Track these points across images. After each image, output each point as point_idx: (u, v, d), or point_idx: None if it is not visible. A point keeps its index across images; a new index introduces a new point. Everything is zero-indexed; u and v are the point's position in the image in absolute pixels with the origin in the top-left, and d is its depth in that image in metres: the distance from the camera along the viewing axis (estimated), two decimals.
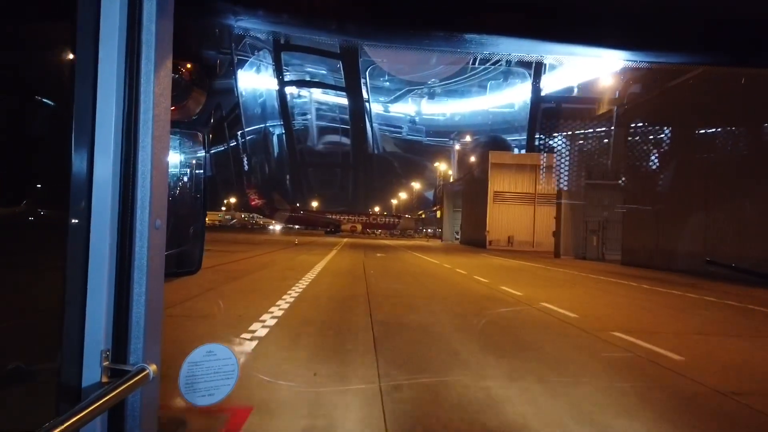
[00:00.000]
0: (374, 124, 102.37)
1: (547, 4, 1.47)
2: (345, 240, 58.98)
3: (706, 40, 1.57)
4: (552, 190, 50.29)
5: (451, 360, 6.42)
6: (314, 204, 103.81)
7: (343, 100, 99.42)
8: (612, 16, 1.49)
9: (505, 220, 55.91)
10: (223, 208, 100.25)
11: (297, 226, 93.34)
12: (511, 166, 57.50)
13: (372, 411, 4.48)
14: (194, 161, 1.54)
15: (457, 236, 76.71)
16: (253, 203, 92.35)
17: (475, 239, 58.55)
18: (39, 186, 1.41)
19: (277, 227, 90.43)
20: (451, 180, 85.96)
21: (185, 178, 1.54)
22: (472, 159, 68.06)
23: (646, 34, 1.54)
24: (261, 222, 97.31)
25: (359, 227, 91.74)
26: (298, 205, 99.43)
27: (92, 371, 1.05)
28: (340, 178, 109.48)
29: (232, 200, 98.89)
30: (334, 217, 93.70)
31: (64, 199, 1.08)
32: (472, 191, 65.23)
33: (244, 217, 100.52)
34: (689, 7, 1.46)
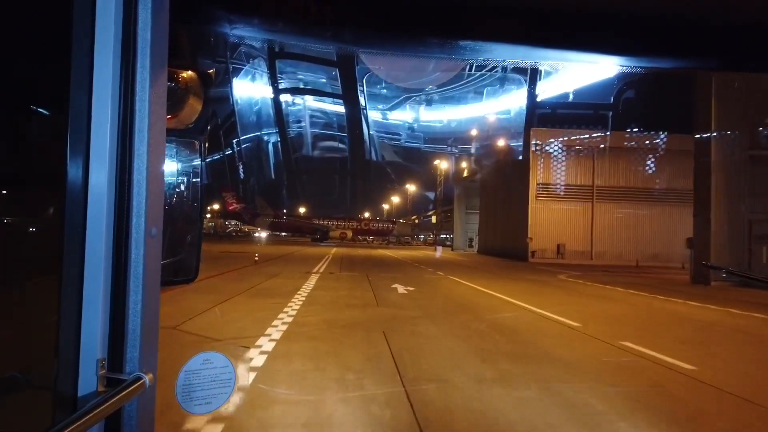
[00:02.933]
0: (372, 132, 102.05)
1: (541, 10, 1.48)
2: (334, 250, 46.24)
3: (702, 45, 1.59)
4: (649, 181, 41.18)
5: None
6: (302, 210, 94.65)
7: (340, 108, 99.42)
8: (607, 21, 1.50)
9: (552, 222, 42.54)
10: (208, 215, 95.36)
11: (285, 233, 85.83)
12: (561, 148, 43.28)
13: None
14: (190, 169, 1.54)
15: (471, 244, 64.64)
16: (230, 208, 79.96)
17: (506, 248, 45.23)
18: (4, 192, 1.39)
19: (263, 234, 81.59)
20: (465, 174, 69.38)
21: (182, 186, 1.54)
22: (500, 143, 51.98)
23: (642, 40, 1.56)
24: (246, 229, 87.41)
25: (350, 234, 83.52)
26: (285, 210, 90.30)
27: (88, 380, 1.04)
28: (337, 185, 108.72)
29: (216, 206, 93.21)
30: (321, 223, 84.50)
31: (28, 205, 1.08)
32: (498, 186, 50.97)
33: (229, 225, 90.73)
34: (684, 12, 1.47)
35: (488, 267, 33.07)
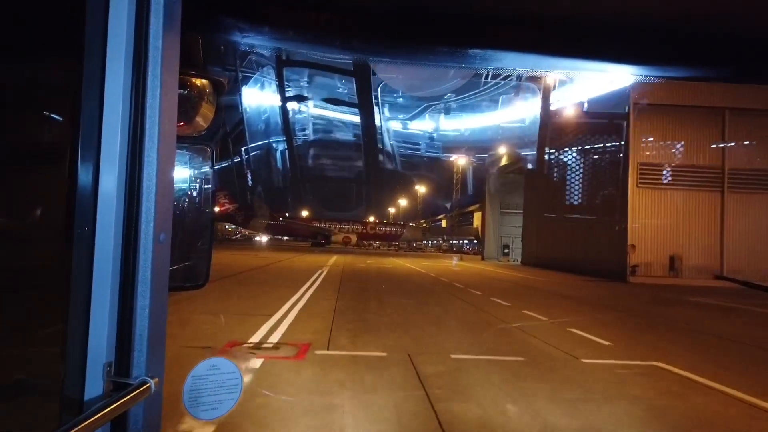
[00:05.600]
0: (392, 141, 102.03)
1: (550, 19, 1.48)
2: (333, 259, 36.79)
3: (713, 55, 1.58)
4: None
5: None
6: (305, 213, 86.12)
7: (353, 117, 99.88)
8: (617, 31, 1.50)
9: (661, 223, 27.81)
10: None
11: (285, 237, 79.59)
12: (677, 111, 27.46)
13: None
14: (201, 176, 1.55)
15: (507, 251, 52.16)
16: (222, 208, 69.25)
17: (579, 260, 31.48)
18: None
19: (263, 238, 76.15)
20: (504, 162, 53.68)
21: (193, 193, 1.55)
22: (568, 112, 34.62)
23: (653, 49, 1.55)
24: (247, 233, 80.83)
25: (354, 238, 75.90)
26: (287, 214, 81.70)
27: (95, 384, 1.05)
28: (352, 192, 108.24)
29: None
30: (322, 225, 76.59)
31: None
32: (561, 173, 36.37)
33: (229, 229, 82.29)
34: (695, 23, 1.47)
35: (608, 300, 18.38)
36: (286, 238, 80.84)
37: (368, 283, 20.00)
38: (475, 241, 78.30)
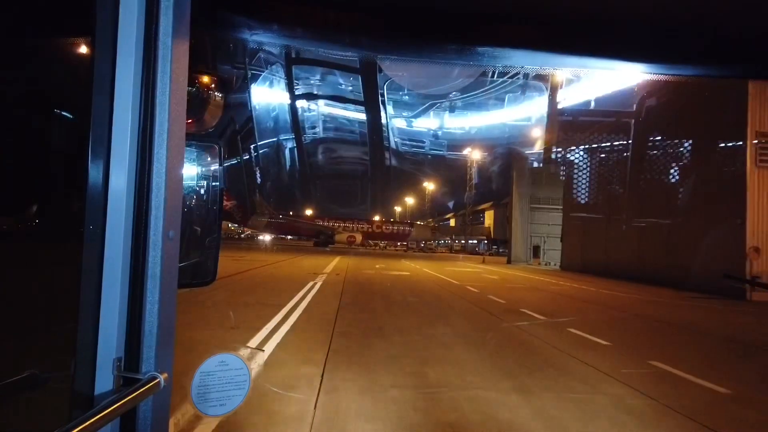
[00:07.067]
0: (397, 139, 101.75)
1: (559, 17, 1.48)
2: (334, 263, 30.28)
3: (720, 53, 1.57)
4: None
5: None
6: (309, 212, 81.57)
7: (359, 115, 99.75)
8: (626, 28, 1.49)
9: None
10: None
11: (289, 236, 76.59)
12: None
13: None
14: (210, 173, 1.56)
15: (538, 253, 46.62)
16: None
17: (658, 268, 24.57)
18: None
19: (267, 238, 72.37)
20: (538, 148, 49.79)
21: (202, 190, 1.56)
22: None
23: (661, 47, 1.54)
24: (249, 232, 77.70)
25: (359, 238, 72.26)
26: (291, 212, 78.56)
27: (105, 379, 1.06)
28: (357, 191, 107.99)
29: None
30: (326, 224, 72.50)
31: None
32: (620, 152, 30.18)
33: (231, 227, 77.52)
34: (708, 20, 1.46)
35: None
36: (289, 237, 78.22)
37: (384, 313, 11.69)
38: (486, 241, 76.85)
